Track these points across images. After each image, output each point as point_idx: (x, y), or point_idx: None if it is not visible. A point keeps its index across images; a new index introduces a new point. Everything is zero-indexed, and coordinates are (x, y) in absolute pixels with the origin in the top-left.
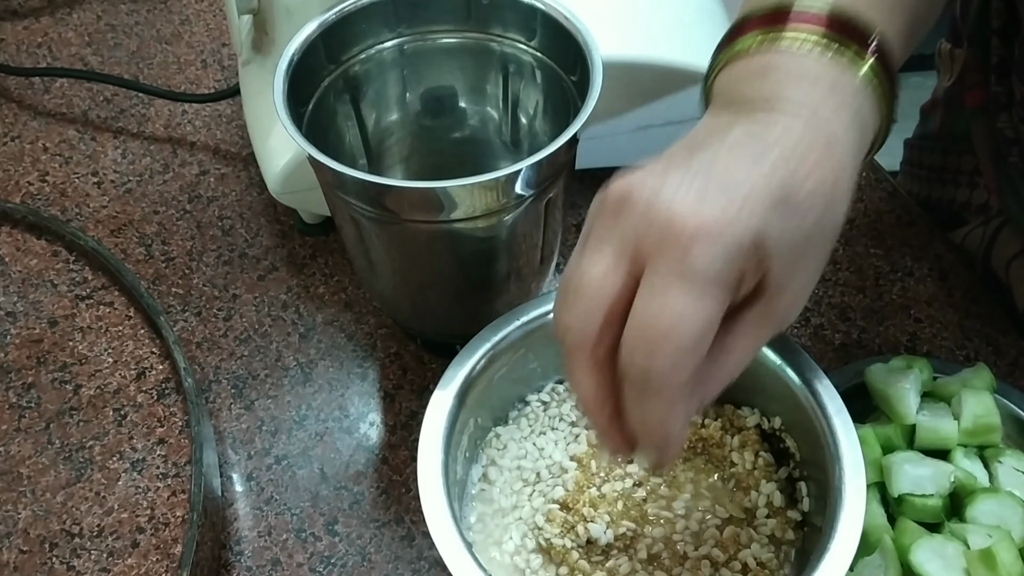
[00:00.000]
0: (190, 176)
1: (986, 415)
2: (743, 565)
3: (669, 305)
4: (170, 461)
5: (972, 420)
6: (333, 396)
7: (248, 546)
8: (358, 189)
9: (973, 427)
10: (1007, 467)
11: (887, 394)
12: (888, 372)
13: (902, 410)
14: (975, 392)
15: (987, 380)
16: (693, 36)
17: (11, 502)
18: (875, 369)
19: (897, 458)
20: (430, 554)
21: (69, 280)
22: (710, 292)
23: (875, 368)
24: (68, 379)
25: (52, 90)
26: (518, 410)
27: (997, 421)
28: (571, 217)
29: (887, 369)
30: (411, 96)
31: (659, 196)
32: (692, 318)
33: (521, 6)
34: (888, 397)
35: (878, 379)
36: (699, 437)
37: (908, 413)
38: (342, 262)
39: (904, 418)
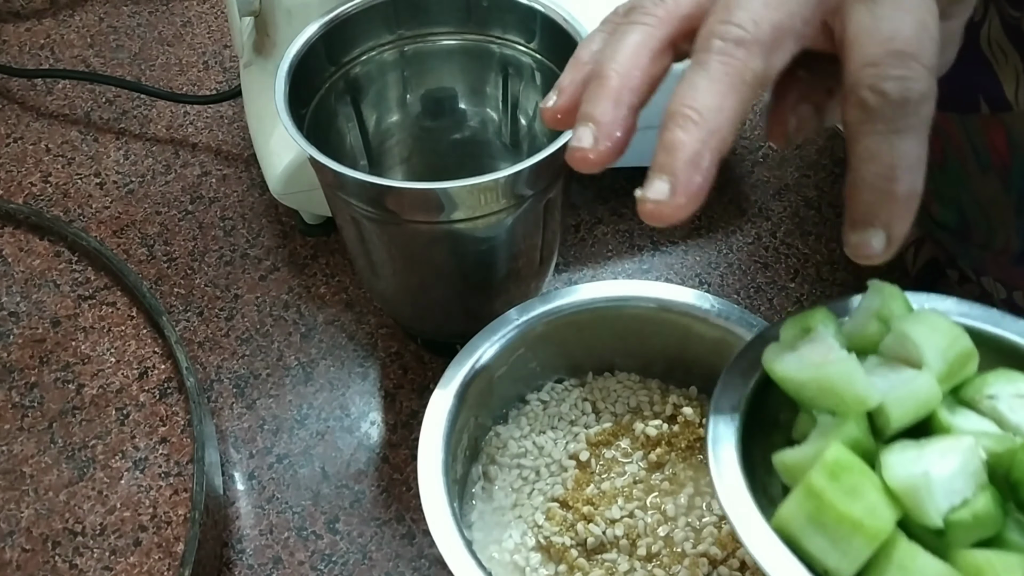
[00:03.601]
0: (192, 177)
1: (953, 341)
2: (741, 563)
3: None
4: (172, 460)
5: (942, 358)
6: (334, 395)
7: (250, 544)
8: (359, 190)
9: (948, 367)
10: (1007, 397)
11: (822, 381)
12: (793, 352)
13: (855, 391)
14: (919, 319)
15: (900, 296)
16: None
17: (14, 501)
18: (774, 355)
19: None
20: (431, 552)
21: (72, 280)
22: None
23: (773, 353)
24: (71, 379)
25: (54, 91)
26: (518, 409)
27: (969, 342)
28: (571, 217)
29: (786, 348)
30: (411, 97)
31: None
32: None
33: (521, 8)
34: (823, 384)
35: (791, 368)
36: (697, 436)
37: (866, 393)
38: (343, 262)
39: (863, 401)
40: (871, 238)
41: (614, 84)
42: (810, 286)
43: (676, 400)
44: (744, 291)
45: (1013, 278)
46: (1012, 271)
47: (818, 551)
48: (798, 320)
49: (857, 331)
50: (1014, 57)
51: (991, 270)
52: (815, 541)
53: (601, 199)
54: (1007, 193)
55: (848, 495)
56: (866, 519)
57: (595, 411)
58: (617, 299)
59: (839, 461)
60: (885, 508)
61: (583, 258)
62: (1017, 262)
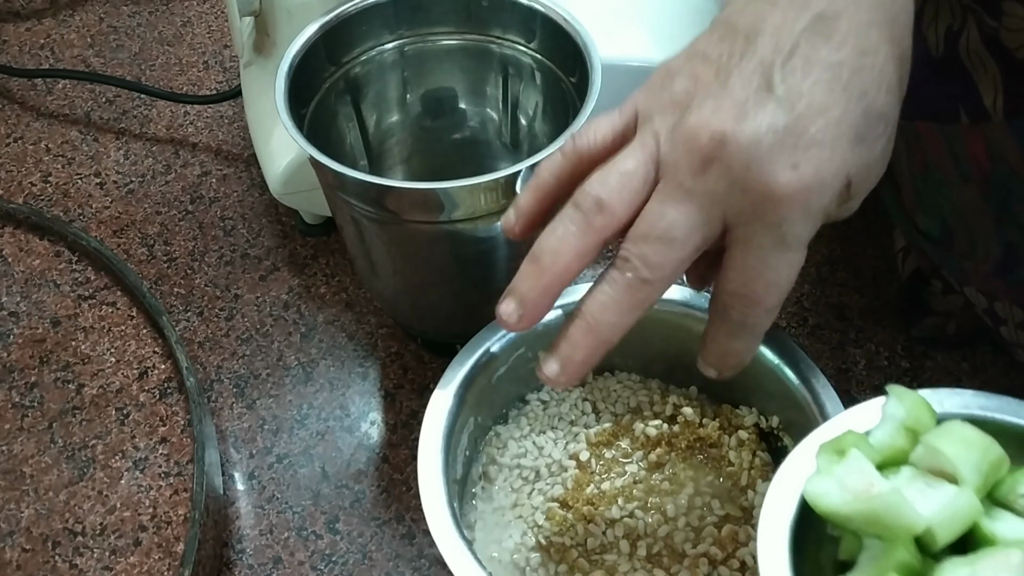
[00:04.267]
0: (192, 177)
1: (984, 452)
2: (741, 563)
3: (765, 272)
4: (172, 460)
5: (976, 470)
6: (334, 395)
7: (250, 544)
8: (359, 190)
9: (983, 478)
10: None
11: (868, 514)
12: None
13: (903, 521)
14: (949, 432)
15: (922, 403)
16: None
17: (14, 501)
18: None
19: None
20: (430, 552)
21: (72, 280)
22: (804, 247)
23: (815, 486)
24: (71, 379)
25: (55, 91)
26: (518, 409)
27: (999, 450)
28: None
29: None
30: (411, 97)
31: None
32: (787, 278)
33: (521, 8)
34: (869, 516)
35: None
36: (697, 436)
37: (913, 521)
38: (343, 262)
39: (910, 529)
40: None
41: (547, 278)
42: (810, 286)
43: (676, 400)
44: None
45: (994, 288)
46: (993, 281)
47: None
48: (831, 445)
49: (886, 443)
50: (992, 67)
51: (973, 280)
52: None
53: None
54: (987, 203)
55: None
56: None
57: (595, 411)
58: None
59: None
60: None
61: None
62: (998, 272)
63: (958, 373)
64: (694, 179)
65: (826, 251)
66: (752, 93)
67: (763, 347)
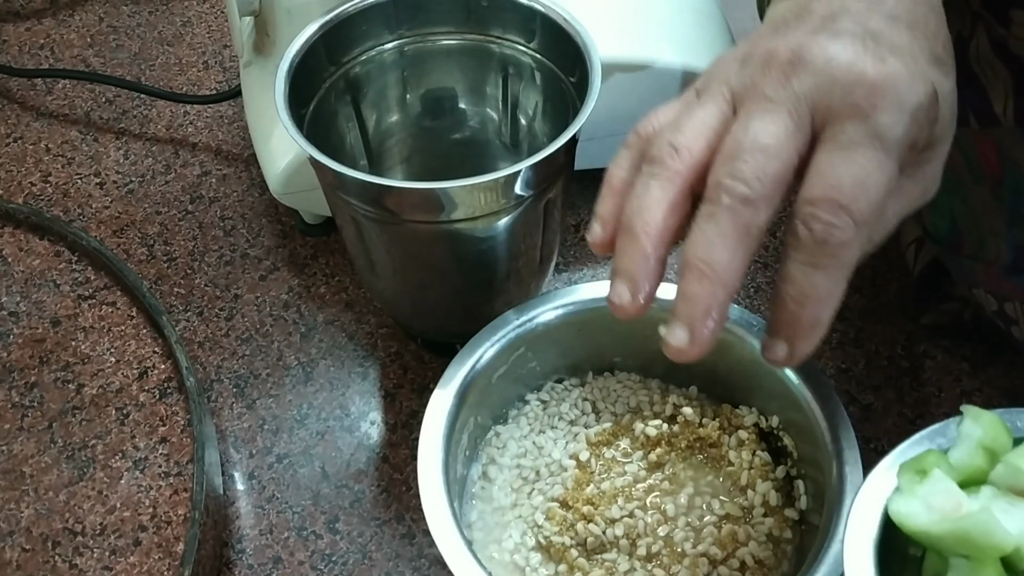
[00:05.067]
0: (192, 177)
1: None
2: (741, 563)
3: (855, 170)
4: (172, 460)
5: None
6: (334, 395)
7: (250, 544)
8: (359, 190)
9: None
10: None
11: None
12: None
13: (993, 541)
14: None
15: (999, 423)
16: (692, 37)
17: (14, 501)
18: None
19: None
20: (430, 552)
21: (71, 280)
22: (894, 155)
23: (899, 505)
24: (70, 378)
25: (54, 91)
26: (518, 409)
27: None
28: (571, 217)
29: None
30: (411, 97)
31: (839, 56)
32: (878, 183)
33: (520, 8)
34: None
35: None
36: (697, 436)
37: (1004, 541)
38: (343, 262)
39: (1001, 549)
40: (776, 346)
41: (643, 242)
42: None
43: (676, 400)
44: (744, 291)
45: (1004, 290)
46: (1003, 282)
47: None
48: (912, 464)
49: (965, 463)
50: (1003, 74)
51: (982, 281)
52: None
53: None
54: (999, 204)
55: None
56: None
57: (595, 411)
58: None
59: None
60: None
61: (583, 258)
62: (1008, 273)
63: (958, 373)
64: (776, 88)
65: None
66: (818, 24)
67: None
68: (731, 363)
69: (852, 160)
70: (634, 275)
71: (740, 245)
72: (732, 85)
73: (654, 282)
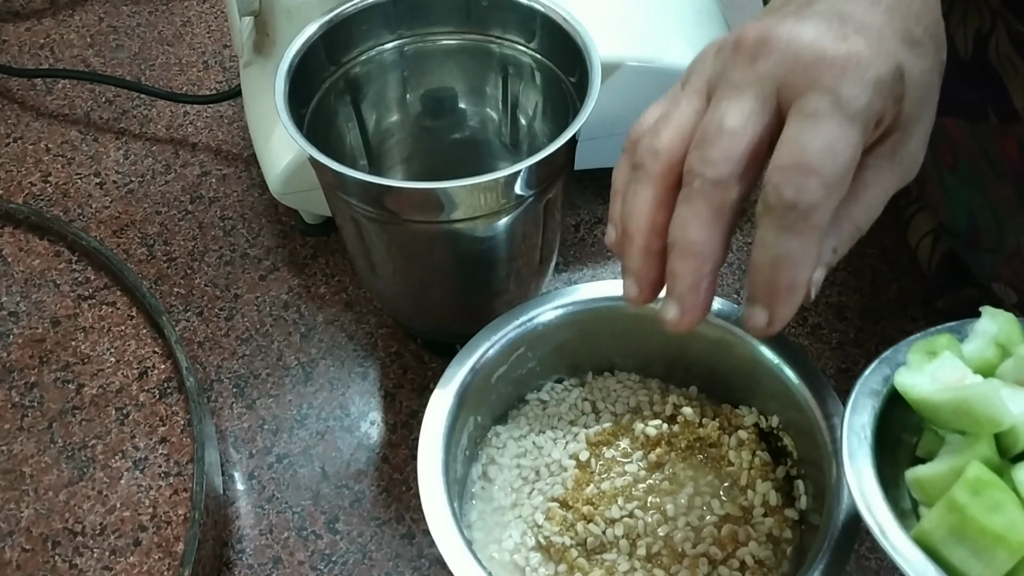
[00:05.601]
0: (192, 177)
1: None
2: (741, 563)
3: (820, 137)
4: (172, 460)
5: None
6: (334, 395)
7: (249, 544)
8: (359, 190)
9: None
10: None
11: (959, 403)
12: (925, 375)
13: (992, 413)
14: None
15: (1015, 322)
16: (691, 37)
17: (14, 501)
18: (908, 378)
19: None
20: (430, 552)
21: (71, 280)
22: (858, 124)
23: (905, 376)
24: (70, 378)
25: (54, 91)
26: (517, 409)
27: None
28: (570, 217)
29: (916, 372)
30: (411, 97)
31: (801, 37)
32: (843, 149)
33: (520, 8)
34: (960, 406)
35: (925, 390)
36: (697, 436)
37: (1002, 415)
38: (343, 262)
39: (998, 423)
40: (755, 313)
41: (637, 241)
42: None
43: (676, 400)
44: (744, 291)
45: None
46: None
47: (960, 562)
48: (924, 345)
49: (977, 355)
50: (1023, 70)
51: (1002, 274)
52: (957, 552)
53: (601, 199)
54: (1020, 199)
55: (990, 510)
56: (1009, 533)
57: (595, 411)
58: (617, 299)
59: (980, 478)
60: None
61: (583, 258)
62: None
63: None
64: (743, 72)
65: None
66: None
67: (763, 347)
68: (731, 363)
69: (817, 128)
70: (636, 271)
71: (716, 222)
72: (707, 76)
73: (656, 273)
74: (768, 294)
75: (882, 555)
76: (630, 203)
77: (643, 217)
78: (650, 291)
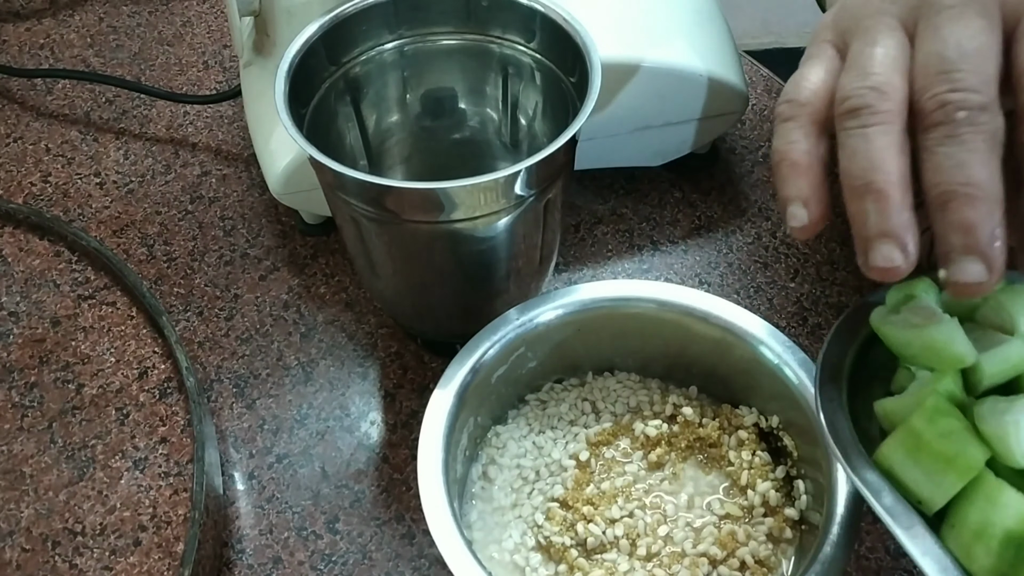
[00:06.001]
0: (192, 177)
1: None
2: (741, 563)
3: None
4: (172, 460)
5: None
6: (334, 395)
7: (249, 544)
8: (358, 190)
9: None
10: None
11: (925, 340)
12: (898, 315)
13: (954, 350)
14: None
15: None
16: (691, 37)
17: (13, 501)
18: (882, 316)
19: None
20: (430, 552)
21: (71, 280)
22: None
23: (880, 315)
24: (70, 378)
25: (54, 91)
26: (517, 409)
27: None
28: (570, 217)
29: (891, 311)
30: (411, 97)
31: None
32: None
33: (520, 8)
34: (926, 342)
35: (896, 327)
36: (697, 436)
37: (964, 352)
38: (343, 262)
39: (961, 359)
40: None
41: (892, 195)
42: (810, 286)
43: (676, 400)
44: (744, 291)
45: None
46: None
47: (913, 483)
48: (902, 288)
49: (955, 300)
50: None
51: None
52: (911, 474)
53: (601, 199)
54: None
55: (943, 436)
56: (958, 457)
57: (595, 411)
58: (617, 299)
59: (937, 407)
60: (976, 449)
61: (583, 258)
62: None
63: None
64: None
65: (826, 251)
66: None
67: (763, 347)
68: (731, 363)
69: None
70: (897, 231)
71: (993, 156)
72: (895, 13)
73: (916, 233)
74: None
75: (882, 555)
76: (866, 154)
77: (894, 166)
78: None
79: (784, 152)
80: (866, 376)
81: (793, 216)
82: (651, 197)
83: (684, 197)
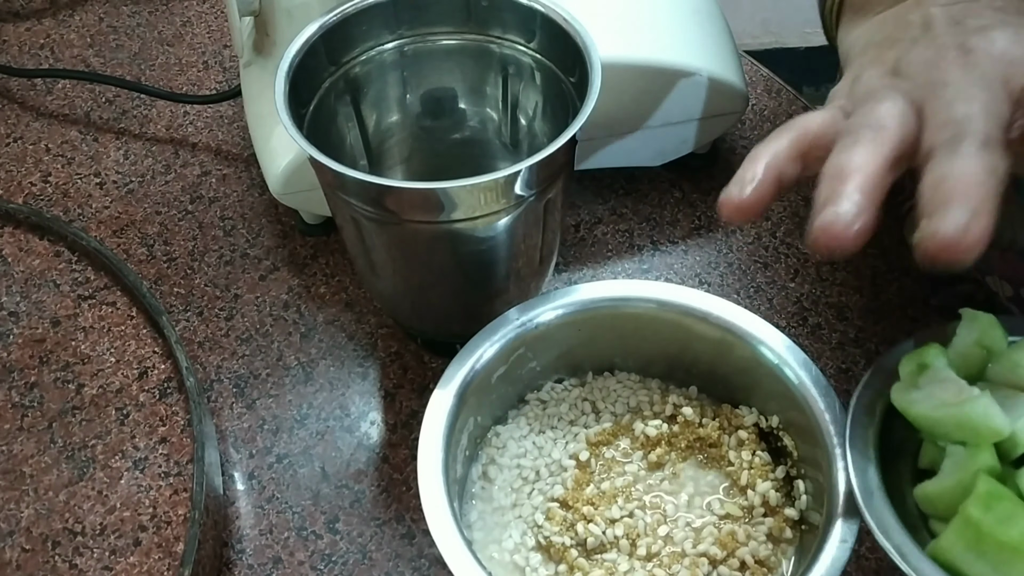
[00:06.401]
0: (192, 177)
1: None
2: (741, 563)
3: None
4: (172, 460)
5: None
6: (334, 395)
7: (249, 544)
8: (359, 190)
9: None
10: None
11: (960, 418)
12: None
13: (992, 425)
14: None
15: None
16: (691, 37)
17: (14, 501)
18: (903, 395)
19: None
20: (430, 552)
21: (71, 280)
22: None
23: (901, 393)
24: (70, 378)
25: (54, 91)
26: (517, 409)
27: None
28: (570, 217)
29: (910, 387)
30: (411, 97)
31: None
32: None
33: (520, 8)
34: (960, 420)
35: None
36: (697, 436)
37: (1001, 426)
38: (343, 262)
39: (999, 434)
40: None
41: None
42: (810, 286)
43: (676, 400)
44: (744, 291)
45: (1020, 274)
46: (1019, 267)
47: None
48: (913, 357)
49: (960, 359)
50: None
51: (997, 268)
52: (976, 567)
53: (601, 199)
54: (1019, 193)
55: (1004, 523)
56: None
57: (595, 411)
58: (617, 299)
59: (991, 492)
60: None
61: (583, 258)
62: None
63: None
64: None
65: None
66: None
67: (763, 347)
68: (731, 363)
69: None
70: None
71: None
72: (903, 90)
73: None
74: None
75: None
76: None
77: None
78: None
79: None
80: (889, 451)
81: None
82: (651, 197)
83: (684, 197)
